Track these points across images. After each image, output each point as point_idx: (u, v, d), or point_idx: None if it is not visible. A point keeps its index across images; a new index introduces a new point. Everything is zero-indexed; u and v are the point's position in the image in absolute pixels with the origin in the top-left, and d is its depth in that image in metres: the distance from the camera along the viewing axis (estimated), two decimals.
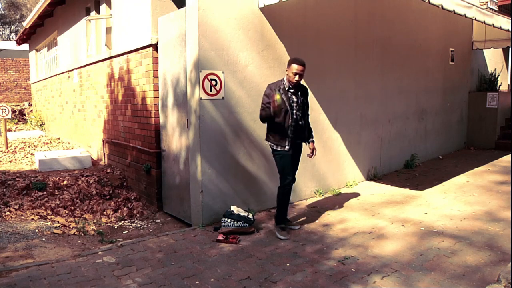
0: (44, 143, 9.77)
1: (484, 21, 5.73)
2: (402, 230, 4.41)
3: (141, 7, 5.60)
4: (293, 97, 4.20)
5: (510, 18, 6.46)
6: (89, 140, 8.31)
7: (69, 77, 9.25)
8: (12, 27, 32.28)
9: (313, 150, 4.46)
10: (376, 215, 4.92)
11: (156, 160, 5.53)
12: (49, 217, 5.20)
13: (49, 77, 11.31)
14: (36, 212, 5.25)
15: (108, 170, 6.79)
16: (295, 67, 4.10)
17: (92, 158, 7.69)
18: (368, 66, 6.56)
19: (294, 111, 4.18)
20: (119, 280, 3.34)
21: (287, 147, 4.22)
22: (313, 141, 4.49)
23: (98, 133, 7.73)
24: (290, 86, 4.18)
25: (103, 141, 7.45)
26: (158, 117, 5.50)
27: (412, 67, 7.62)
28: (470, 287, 3.14)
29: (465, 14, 5.19)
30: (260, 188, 5.14)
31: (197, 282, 3.30)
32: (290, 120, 4.16)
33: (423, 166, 7.72)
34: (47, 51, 12.11)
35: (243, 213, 4.42)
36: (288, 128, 4.16)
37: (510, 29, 6.35)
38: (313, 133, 4.53)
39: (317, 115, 5.72)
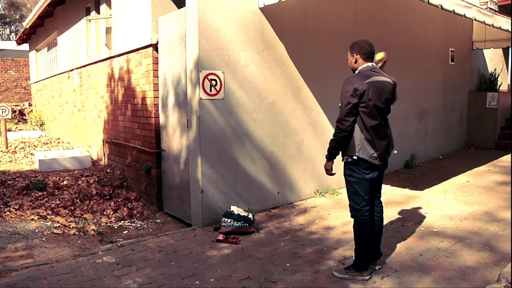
0: (44, 143, 9.77)
1: (484, 21, 5.73)
2: (402, 230, 4.40)
3: (141, 7, 5.60)
4: None
5: (510, 18, 6.46)
6: (89, 140, 8.31)
7: (69, 77, 9.25)
8: (12, 27, 32.29)
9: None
10: None
11: (156, 160, 5.53)
12: (49, 217, 5.20)
13: (49, 77, 11.31)
14: (36, 212, 5.25)
15: (108, 170, 6.79)
16: None
17: (92, 158, 7.69)
18: None
19: None
20: (119, 280, 3.34)
21: None
22: (327, 158, 3.37)
23: (98, 133, 7.73)
24: None
25: (103, 141, 7.45)
26: (158, 117, 5.50)
27: (412, 67, 7.62)
28: (470, 287, 3.14)
29: (464, 14, 5.20)
30: (260, 188, 5.14)
31: (197, 282, 3.30)
32: None
33: (423, 166, 7.72)
34: (47, 51, 12.11)
35: (243, 213, 4.42)
36: None
37: (510, 29, 6.35)
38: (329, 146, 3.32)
39: (317, 115, 5.72)
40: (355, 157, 3.18)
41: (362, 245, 3.30)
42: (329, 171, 3.37)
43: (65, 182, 6.17)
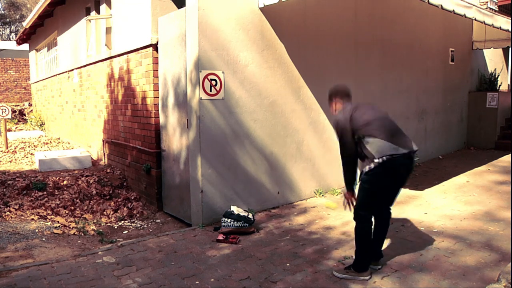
0: (44, 143, 9.77)
1: (484, 21, 5.73)
2: (402, 230, 4.40)
3: (141, 7, 5.60)
4: None
5: (510, 18, 6.46)
6: (89, 140, 8.31)
7: (69, 77, 9.25)
8: (12, 27, 32.28)
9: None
10: None
11: (156, 160, 5.53)
12: (49, 217, 5.20)
13: (49, 77, 11.31)
14: (36, 212, 5.25)
15: (108, 170, 6.79)
16: None
17: (92, 158, 7.69)
18: (368, 66, 6.55)
19: None
20: (119, 280, 3.34)
21: None
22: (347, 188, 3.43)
23: (98, 133, 7.73)
24: None
25: (103, 141, 7.45)
26: (158, 117, 5.50)
27: (412, 67, 7.62)
28: (470, 287, 3.14)
29: (464, 14, 5.20)
30: (260, 188, 5.14)
31: (197, 282, 3.30)
32: None
33: (423, 166, 7.72)
34: (47, 51, 12.11)
35: (243, 213, 4.42)
36: None
37: (510, 29, 6.35)
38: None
39: (317, 115, 5.72)
40: (378, 160, 3.12)
41: (363, 246, 3.30)
42: (352, 200, 3.38)
43: (65, 182, 6.17)
